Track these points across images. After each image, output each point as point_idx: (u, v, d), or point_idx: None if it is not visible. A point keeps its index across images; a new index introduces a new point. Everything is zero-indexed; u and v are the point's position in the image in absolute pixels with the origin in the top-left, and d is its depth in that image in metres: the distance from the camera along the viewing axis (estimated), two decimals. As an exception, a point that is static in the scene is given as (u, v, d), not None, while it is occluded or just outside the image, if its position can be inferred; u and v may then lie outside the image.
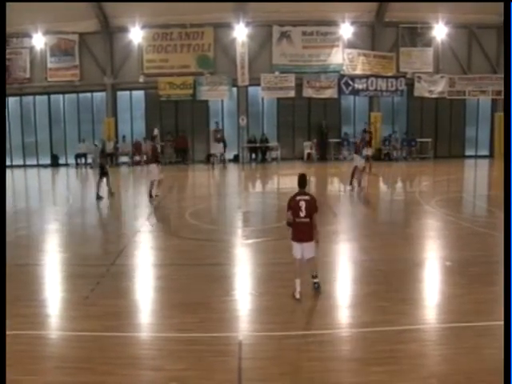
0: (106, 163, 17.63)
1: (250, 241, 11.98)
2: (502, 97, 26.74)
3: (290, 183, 21.08)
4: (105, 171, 17.03)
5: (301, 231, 8.03)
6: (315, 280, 8.33)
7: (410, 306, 8.02)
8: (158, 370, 6.17)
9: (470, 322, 7.43)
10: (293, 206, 8.00)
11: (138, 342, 6.96)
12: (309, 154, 26.39)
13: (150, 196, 16.52)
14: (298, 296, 8.07)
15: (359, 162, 18.24)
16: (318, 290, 8.31)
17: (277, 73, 26.13)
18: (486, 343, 6.87)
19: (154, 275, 9.75)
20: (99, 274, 9.38)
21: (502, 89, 26.59)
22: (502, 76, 26.46)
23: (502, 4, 24.11)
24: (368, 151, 24.32)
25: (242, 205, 15.89)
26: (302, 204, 7.91)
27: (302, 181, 8.10)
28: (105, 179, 17.05)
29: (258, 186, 21.71)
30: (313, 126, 27.10)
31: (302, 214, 7.92)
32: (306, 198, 7.97)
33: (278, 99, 26.82)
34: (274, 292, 8.57)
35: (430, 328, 7.48)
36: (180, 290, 8.66)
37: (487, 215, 15.35)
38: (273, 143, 26.75)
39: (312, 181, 22.34)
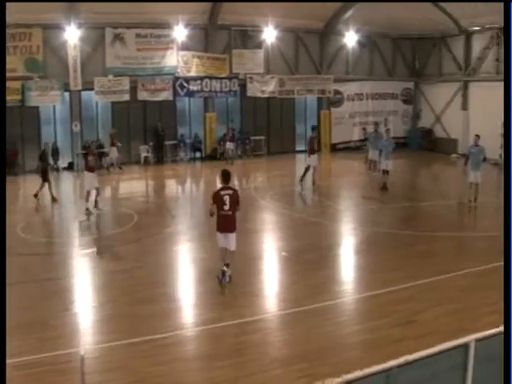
0: (47, 168, 17.09)
1: (87, 250, 11.53)
2: (326, 95, 29.00)
3: (130, 188, 20.73)
4: (47, 176, 16.47)
5: (224, 223, 8.90)
6: (225, 268, 8.87)
7: (252, 298, 8.42)
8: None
9: (305, 305, 8.02)
10: (217, 200, 8.84)
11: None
12: (145, 158, 25.98)
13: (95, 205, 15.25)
14: (227, 280, 8.85)
15: (312, 161, 18.42)
16: (223, 277, 8.83)
17: (111, 76, 25.25)
18: (319, 323, 7.48)
19: (-19, 298, 8.95)
20: None
21: (326, 88, 28.82)
22: (325, 77, 28.76)
23: (324, 10, 26.39)
24: (230, 145, 25.31)
25: (79, 214, 15.16)
26: (226, 198, 8.80)
27: (226, 177, 9.02)
28: (47, 185, 16.35)
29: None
30: (149, 129, 26.64)
31: (226, 208, 8.81)
32: (230, 192, 8.91)
33: (113, 103, 25.92)
34: (115, 300, 8.41)
35: (270, 317, 7.93)
36: (14, 310, 7.95)
37: (317, 205, 16.55)
38: (108, 148, 25.87)
39: (150, 184, 22.21)
